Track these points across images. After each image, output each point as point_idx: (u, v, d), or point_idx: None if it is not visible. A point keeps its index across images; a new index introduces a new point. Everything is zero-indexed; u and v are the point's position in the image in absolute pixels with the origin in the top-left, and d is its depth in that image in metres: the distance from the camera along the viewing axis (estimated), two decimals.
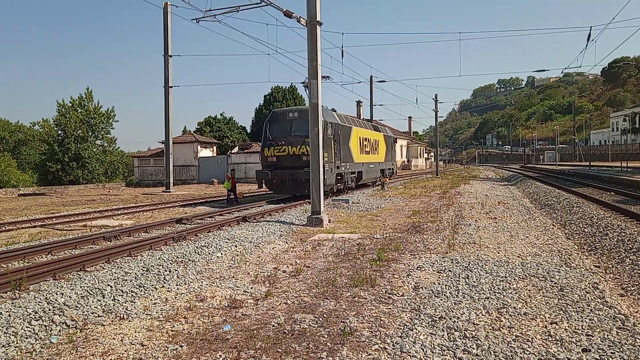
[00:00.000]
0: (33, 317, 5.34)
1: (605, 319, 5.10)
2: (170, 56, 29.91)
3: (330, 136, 19.38)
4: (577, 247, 9.43)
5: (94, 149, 51.15)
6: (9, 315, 5.29)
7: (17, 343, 4.74)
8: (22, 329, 5.04)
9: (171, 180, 30.73)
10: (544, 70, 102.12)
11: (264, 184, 19.64)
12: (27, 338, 4.87)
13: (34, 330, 5.05)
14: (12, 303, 5.75)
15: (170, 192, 29.65)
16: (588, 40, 22.50)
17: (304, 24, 12.97)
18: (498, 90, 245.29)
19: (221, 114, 60.32)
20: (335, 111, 22.25)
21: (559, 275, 6.92)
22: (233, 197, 19.73)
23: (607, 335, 4.67)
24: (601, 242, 9.66)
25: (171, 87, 30.26)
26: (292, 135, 18.76)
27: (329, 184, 19.17)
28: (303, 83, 13.06)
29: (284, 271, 7.68)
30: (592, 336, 4.65)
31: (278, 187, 19.18)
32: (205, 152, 45.25)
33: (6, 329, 4.99)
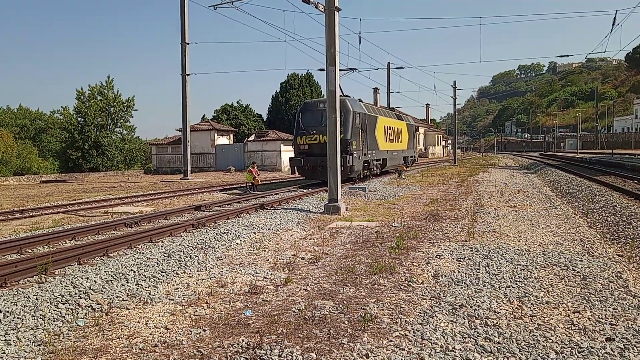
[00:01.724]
0: (60, 300, 5.47)
1: (629, 308, 5.04)
2: (187, 44, 29.99)
3: (359, 125, 20.64)
4: (599, 236, 9.29)
5: (113, 137, 51.74)
6: (37, 299, 5.43)
7: (45, 326, 4.87)
8: (49, 312, 5.17)
9: (189, 168, 31.00)
10: (566, 56, 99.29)
11: (296, 170, 20.99)
12: (54, 321, 4.99)
13: (61, 313, 5.18)
14: (39, 287, 5.90)
15: (187, 179, 29.93)
16: (613, 24, 21.94)
17: (322, 10, 12.86)
18: (518, 77, 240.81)
19: (238, 102, 60.44)
20: (361, 101, 23.19)
21: (581, 264, 6.83)
22: (250, 184, 20.09)
23: (632, 324, 4.61)
24: (624, 231, 9.50)
25: (188, 74, 30.39)
26: (322, 125, 19.47)
27: (356, 170, 20.60)
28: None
29: (302, 258, 7.72)
30: (616, 325, 4.60)
31: (310, 173, 20.47)
32: (222, 140, 45.47)
33: (34, 312, 5.12)
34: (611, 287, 5.76)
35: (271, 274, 6.77)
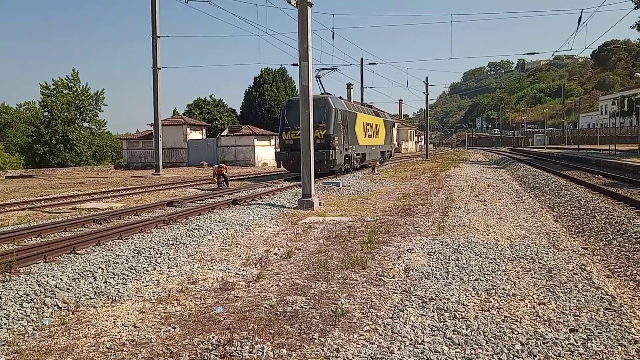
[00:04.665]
0: (24, 299, 5.31)
1: (592, 300, 5.20)
2: (159, 37, 29.46)
3: (340, 122, 21.99)
4: (565, 230, 9.57)
5: (82, 132, 50.36)
6: (0, 298, 5.26)
7: (9, 325, 4.72)
8: (13, 311, 5.01)
9: (160, 163, 30.53)
10: (534, 53, 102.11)
11: (282, 164, 22.33)
12: (19, 320, 4.85)
13: (25, 312, 5.03)
14: (3, 285, 5.71)
15: (159, 174, 29.46)
16: (579, 23, 22.57)
17: (294, 5, 12.79)
18: (488, 73, 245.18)
19: (210, 96, 59.62)
20: (342, 99, 24.52)
21: (547, 257, 7.02)
22: (223, 179, 19.92)
23: (595, 315, 4.77)
24: (589, 224, 9.80)
25: (159, 68, 29.88)
26: None
27: (339, 164, 22.09)
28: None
29: (275, 254, 7.70)
30: (580, 317, 4.74)
31: (294, 166, 21.31)
32: (195, 135, 44.90)
33: None
34: (575, 280, 5.94)
35: (243, 270, 6.73)
